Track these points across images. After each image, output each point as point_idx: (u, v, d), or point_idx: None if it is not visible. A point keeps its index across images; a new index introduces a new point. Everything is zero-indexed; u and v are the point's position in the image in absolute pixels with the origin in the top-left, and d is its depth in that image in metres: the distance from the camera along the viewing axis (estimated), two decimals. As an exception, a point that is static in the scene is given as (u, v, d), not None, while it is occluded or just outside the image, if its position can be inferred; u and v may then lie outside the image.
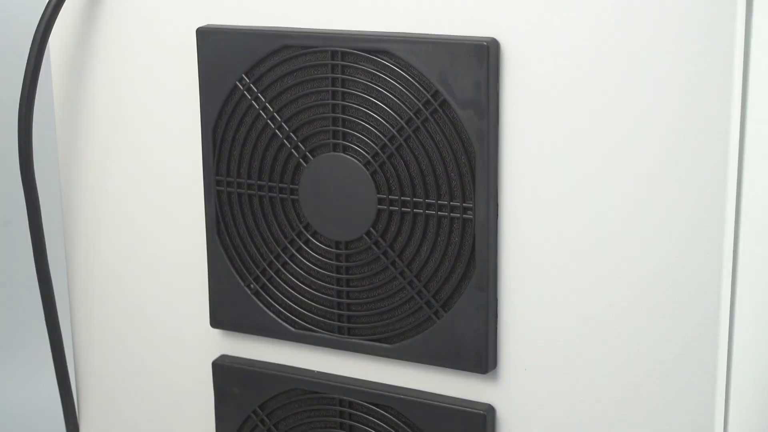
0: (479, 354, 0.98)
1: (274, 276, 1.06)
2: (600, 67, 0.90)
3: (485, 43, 0.92)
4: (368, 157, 0.99)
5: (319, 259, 1.04)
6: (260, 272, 1.06)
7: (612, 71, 0.90)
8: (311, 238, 1.03)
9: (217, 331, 1.11)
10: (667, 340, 0.92)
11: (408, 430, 1.03)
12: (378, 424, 1.05)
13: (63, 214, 1.17)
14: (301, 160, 1.02)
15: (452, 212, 0.97)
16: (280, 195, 1.03)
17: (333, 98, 0.99)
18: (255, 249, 1.06)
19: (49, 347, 1.20)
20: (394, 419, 1.04)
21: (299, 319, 1.06)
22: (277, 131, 1.02)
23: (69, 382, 1.22)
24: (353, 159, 0.99)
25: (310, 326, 1.05)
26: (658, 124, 0.89)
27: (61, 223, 1.18)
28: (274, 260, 1.05)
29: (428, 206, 0.98)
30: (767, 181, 0.96)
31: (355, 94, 0.98)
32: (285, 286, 1.06)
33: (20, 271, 2.04)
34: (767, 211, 0.97)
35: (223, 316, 1.09)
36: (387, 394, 1.03)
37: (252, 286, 1.07)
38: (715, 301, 0.90)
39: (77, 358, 1.21)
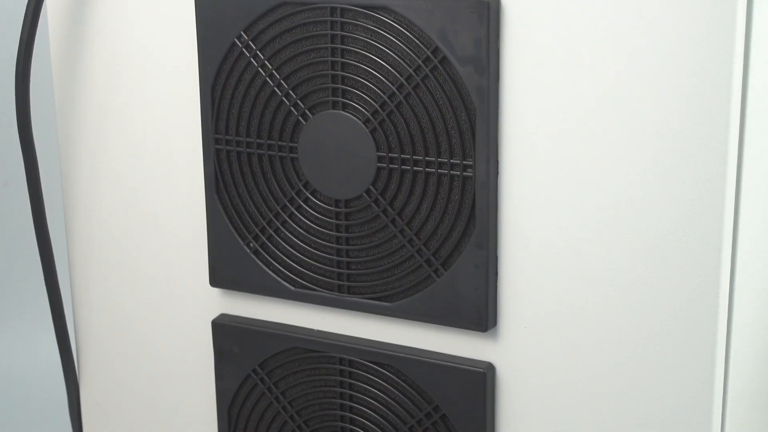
0: (479, 312, 0.98)
1: (274, 235, 1.06)
2: (601, 23, 0.89)
3: (486, 0, 0.92)
4: (368, 114, 0.98)
5: (318, 218, 1.03)
6: (259, 231, 1.06)
7: (613, 27, 0.89)
8: (310, 196, 1.03)
9: (216, 290, 1.11)
10: (668, 298, 0.92)
11: (408, 388, 1.03)
12: (378, 383, 1.05)
13: (62, 174, 1.17)
14: (300, 117, 1.01)
15: (452, 170, 0.96)
16: (279, 153, 1.03)
17: (332, 55, 0.99)
18: (254, 208, 1.06)
19: (49, 308, 1.20)
20: (393, 377, 1.04)
21: (299, 277, 1.05)
22: (276, 89, 1.01)
23: (69, 343, 1.22)
24: (353, 117, 0.99)
25: (309, 285, 1.05)
26: (661, 78, 0.88)
27: (60, 184, 1.17)
28: (274, 219, 1.05)
29: (428, 164, 0.97)
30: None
31: (354, 51, 0.98)
32: (284, 244, 1.05)
33: (19, 233, 2.04)
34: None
35: (222, 275, 1.08)
36: (387, 352, 1.03)
37: (251, 244, 1.07)
38: (716, 257, 0.90)
39: (77, 319, 1.21)
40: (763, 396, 1.08)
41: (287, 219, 1.05)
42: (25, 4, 1.09)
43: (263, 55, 1.01)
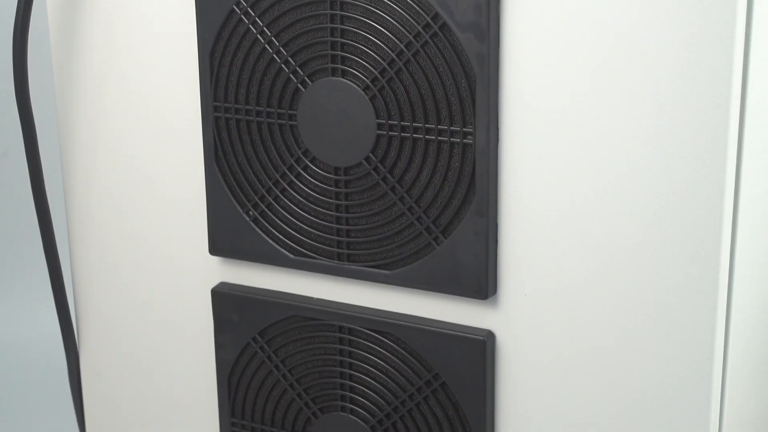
0: (479, 280, 0.98)
1: (273, 203, 1.05)
2: (602, -12, 0.89)
3: (486, -35, 0.91)
4: (367, 81, 0.98)
5: (318, 186, 1.03)
6: (259, 199, 1.06)
7: (614, -8, 0.88)
8: (310, 164, 1.03)
9: (216, 259, 1.11)
10: (669, 265, 0.92)
11: (408, 356, 1.03)
12: (377, 351, 1.04)
13: (60, 143, 1.17)
14: (299, 85, 1.01)
15: (452, 137, 0.96)
16: (279, 121, 1.02)
17: (331, 22, 0.98)
18: (253, 175, 1.05)
19: (48, 278, 1.20)
20: (393, 345, 1.04)
21: (298, 245, 1.05)
22: (275, 56, 1.01)
23: (68, 312, 1.22)
24: (352, 84, 0.98)
25: (309, 253, 1.05)
26: (663, 43, 0.88)
27: (59, 153, 1.17)
28: (273, 187, 1.05)
29: (428, 131, 0.97)
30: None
31: (353, 17, 0.97)
32: (284, 212, 1.05)
33: (18, 203, 2.04)
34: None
35: (221, 243, 1.08)
36: (386, 320, 1.03)
37: (251, 213, 1.06)
38: (717, 224, 0.90)
39: (76, 288, 1.20)
40: (764, 362, 1.08)
41: (286, 187, 1.04)
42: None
43: (262, 21, 1.00)
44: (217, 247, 1.09)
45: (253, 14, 1.01)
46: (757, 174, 0.95)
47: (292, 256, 1.05)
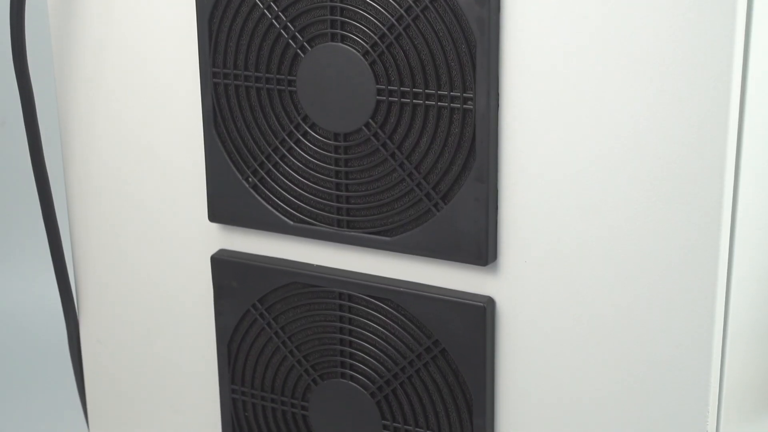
0: (479, 246, 0.98)
1: (272, 169, 1.05)
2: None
3: (486, -72, 0.90)
4: (367, 47, 0.97)
5: (317, 152, 1.02)
6: (258, 165, 1.05)
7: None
8: (309, 130, 1.02)
9: (215, 226, 1.10)
10: (670, 230, 0.92)
11: (407, 322, 1.03)
12: (377, 317, 1.04)
13: (59, 110, 1.16)
14: (298, 50, 1.00)
15: (452, 102, 0.95)
16: (278, 87, 1.02)
17: (331, -13, 0.97)
18: (252, 142, 1.05)
19: (48, 245, 1.20)
20: (393, 312, 1.04)
21: (298, 212, 1.05)
22: (273, 21, 1.00)
23: (68, 280, 1.22)
24: (352, 49, 0.98)
25: (308, 219, 1.04)
26: (666, 10, 0.87)
27: (57, 121, 1.16)
28: (272, 153, 1.04)
29: (428, 97, 0.96)
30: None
31: (353, -18, 0.97)
32: (283, 179, 1.05)
33: (17, 170, 2.04)
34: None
35: (221, 210, 1.08)
36: (386, 287, 1.03)
37: (250, 179, 1.06)
38: (718, 188, 0.89)
39: (75, 256, 1.20)
40: (764, 326, 1.08)
41: (286, 153, 1.04)
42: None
43: (261, -14, 1.00)
44: (216, 214, 1.08)
45: (251, -21, 1.00)
46: (760, 130, 0.94)
47: (291, 222, 1.05)
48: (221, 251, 1.10)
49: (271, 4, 1.00)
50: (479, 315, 0.99)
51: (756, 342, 1.06)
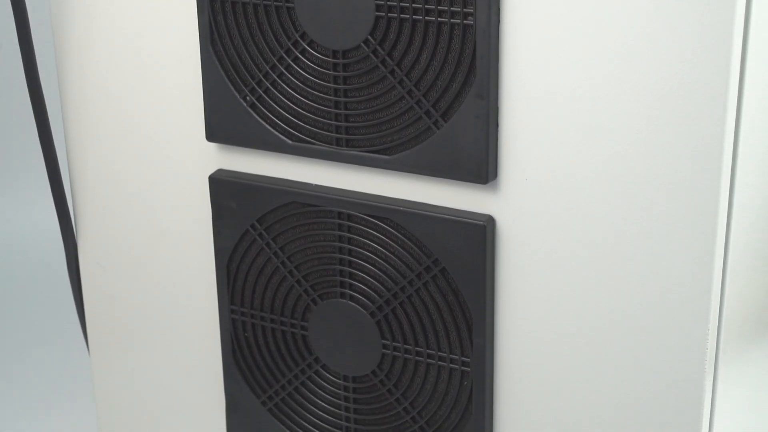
0: (479, 164, 0.97)
1: (270, 87, 1.04)
2: None
3: None
4: (366, -38, 0.96)
5: (316, 70, 1.01)
6: (256, 84, 1.04)
7: None
8: (307, 47, 1.01)
9: (213, 145, 1.09)
10: (671, 149, 0.91)
11: (407, 242, 1.03)
12: (377, 237, 1.04)
13: (53, 30, 1.15)
14: (296, -35, 0.98)
15: (452, 18, 0.94)
16: (275, 2, 1.00)
17: None
18: (250, 60, 1.03)
19: (45, 169, 1.19)
20: (393, 231, 1.03)
21: (296, 131, 1.04)
22: (271, -65, 0.99)
23: (66, 203, 1.21)
24: (350, -35, 0.96)
25: (307, 138, 1.03)
26: None
27: (54, 43, 1.15)
28: (270, 71, 1.03)
29: (428, 12, 0.95)
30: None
31: None
32: (281, 97, 1.03)
33: (14, 95, 2.02)
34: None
35: (219, 129, 1.07)
36: (386, 206, 1.02)
37: (248, 98, 1.05)
38: (721, 106, 0.88)
39: (73, 178, 1.19)
40: (765, 247, 1.07)
41: (284, 71, 1.03)
42: None
43: None
44: (214, 134, 1.07)
45: None
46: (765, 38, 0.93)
47: (290, 141, 1.04)
48: (219, 171, 1.09)
49: None
50: (479, 234, 0.99)
51: (756, 265, 1.06)
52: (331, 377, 1.11)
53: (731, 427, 1.07)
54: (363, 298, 1.06)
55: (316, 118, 1.02)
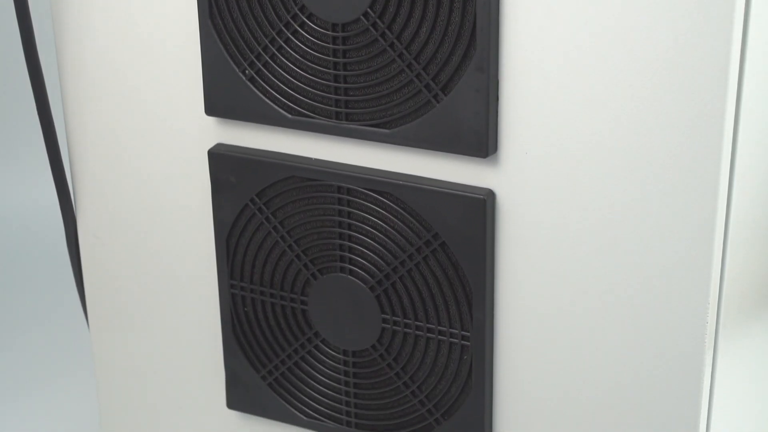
0: (479, 137, 0.96)
1: (270, 61, 1.03)
2: None
3: None
4: (365, -67, 0.95)
5: (315, 43, 1.01)
6: (255, 57, 1.04)
7: None
8: (307, 20, 1.00)
9: (212, 119, 1.09)
10: (673, 124, 0.91)
11: (407, 216, 1.02)
12: (376, 211, 1.04)
13: (51, 3, 1.14)
14: (295, -62, 0.98)
15: (452, -10, 0.93)
16: (274, -24, 1.00)
17: None
18: (249, 33, 1.03)
19: (44, 144, 1.19)
20: (392, 205, 1.03)
21: (296, 105, 1.03)
22: None
23: (65, 177, 1.21)
24: (349, -64, 0.96)
25: (307, 112, 1.03)
26: None
27: (51, 16, 1.14)
28: (269, 44, 1.03)
29: (427, -16, 0.94)
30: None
31: None
32: (281, 71, 1.03)
33: (12, 70, 2.02)
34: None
35: (218, 102, 1.06)
36: (386, 180, 1.02)
37: (247, 71, 1.04)
38: (723, 70, 0.88)
39: (71, 151, 1.19)
40: (766, 218, 1.07)
41: (283, 44, 1.02)
42: None
43: None
44: (213, 107, 1.07)
45: None
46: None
47: (289, 115, 1.04)
48: (218, 145, 1.09)
49: None
50: (479, 208, 0.99)
51: (756, 237, 1.06)
52: (331, 352, 1.11)
53: (731, 401, 1.07)
54: (362, 273, 1.06)
55: (316, 91, 1.02)
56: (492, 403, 1.05)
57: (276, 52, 1.02)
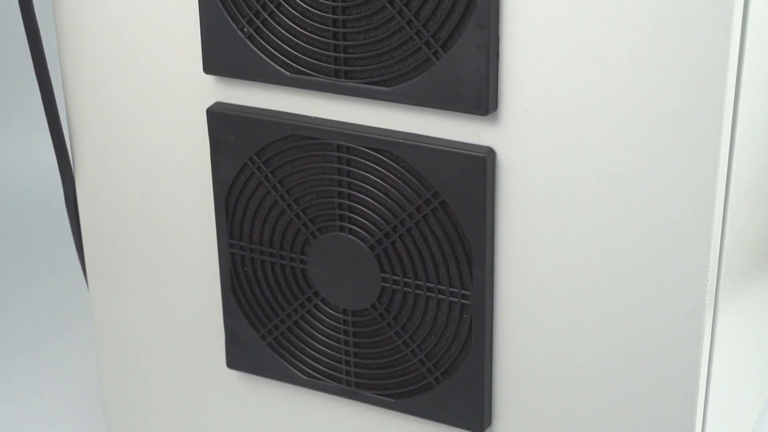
0: (479, 95, 0.96)
1: (268, 18, 1.02)
2: None
3: None
4: None
5: (314, 0, 1.00)
6: (254, 14, 1.03)
7: None
8: (306, -23, 1.00)
9: (210, 78, 1.08)
10: (673, 78, 0.90)
11: (407, 174, 1.02)
12: (376, 169, 1.03)
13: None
14: None
15: (452, -54, 0.93)
16: (273, -68, 0.99)
17: None
18: (248, -10, 1.02)
19: (42, 104, 1.18)
20: (392, 164, 1.02)
21: (295, 62, 1.03)
22: None
23: (63, 137, 1.20)
24: None
25: (306, 70, 1.02)
26: None
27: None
28: (268, 1, 1.02)
29: (427, -60, 0.93)
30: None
31: None
32: (279, 28, 1.02)
33: (10, 31, 2.01)
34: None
35: (216, 61, 1.06)
36: (385, 138, 1.01)
37: (245, 29, 1.04)
38: (725, 40, 0.87)
39: (70, 112, 1.18)
40: (766, 183, 1.07)
41: (282, 1, 1.01)
42: None
43: None
44: (211, 66, 1.06)
45: None
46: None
47: (288, 73, 1.03)
48: (217, 104, 1.08)
49: None
50: (479, 166, 0.98)
51: (757, 198, 1.05)
52: (331, 311, 1.11)
53: (731, 360, 1.07)
54: (362, 232, 1.06)
55: (315, 49, 1.01)
56: (492, 362, 1.05)
57: (275, 9, 1.02)
